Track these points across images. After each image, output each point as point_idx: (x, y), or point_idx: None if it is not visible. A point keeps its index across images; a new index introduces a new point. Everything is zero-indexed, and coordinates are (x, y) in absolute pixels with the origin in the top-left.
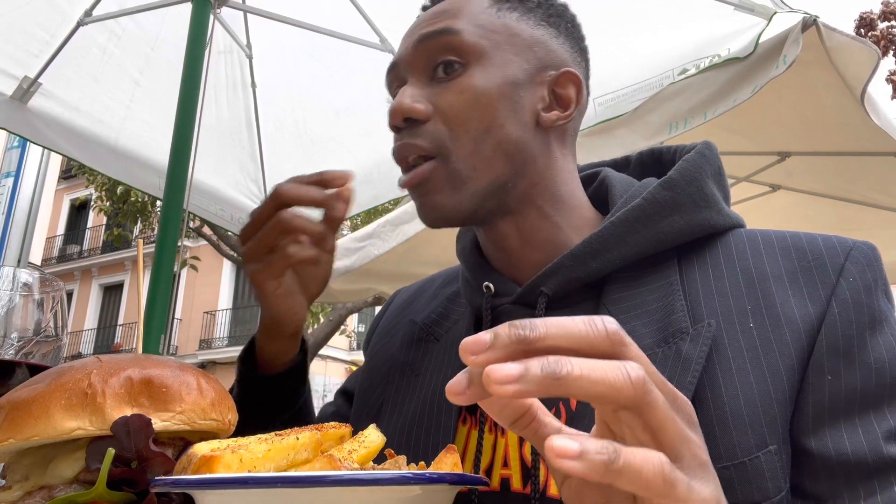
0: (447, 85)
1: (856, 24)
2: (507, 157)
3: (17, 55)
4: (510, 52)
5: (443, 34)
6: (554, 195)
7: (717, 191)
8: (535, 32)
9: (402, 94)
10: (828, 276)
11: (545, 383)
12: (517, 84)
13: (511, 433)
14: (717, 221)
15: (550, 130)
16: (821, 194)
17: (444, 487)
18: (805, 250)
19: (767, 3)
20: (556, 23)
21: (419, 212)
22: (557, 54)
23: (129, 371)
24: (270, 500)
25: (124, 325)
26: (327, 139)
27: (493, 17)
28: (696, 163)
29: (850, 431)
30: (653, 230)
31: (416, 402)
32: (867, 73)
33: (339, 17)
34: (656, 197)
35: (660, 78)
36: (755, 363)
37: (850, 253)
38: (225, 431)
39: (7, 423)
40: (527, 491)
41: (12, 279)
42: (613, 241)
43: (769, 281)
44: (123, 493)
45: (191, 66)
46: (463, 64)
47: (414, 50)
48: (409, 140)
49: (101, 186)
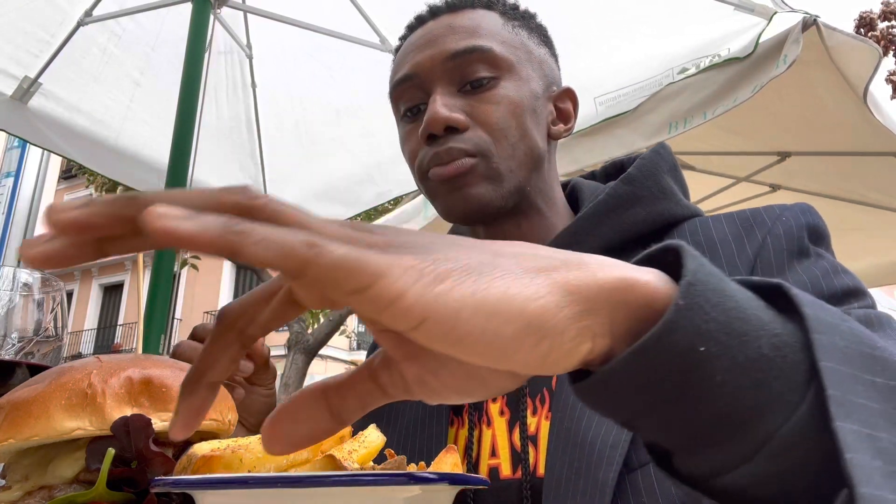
0: (482, 96)
1: (856, 23)
2: (532, 162)
3: (17, 55)
4: (529, 67)
5: (476, 51)
6: (550, 198)
7: (674, 185)
8: (540, 51)
9: (436, 104)
10: (765, 223)
11: (226, 230)
12: (537, 97)
13: (498, 424)
14: (676, 212)
15: (553, 141)
16: (821, 194)
17: (444, 487)
18: (747, 215)
19: (767, 3)
20: (548, 42)
21: (450, 204)
22: (555, 72)
23: (129, 371)
24: (270, 500)
25: (124, 325)
26: (327, 139)
27: (511, 34)
28: (651, 160)
29: None
30: (617, 221)
31: (409, 414)
32: (869, 71)
33: (339, 17)
34: (617, 191)
35: (660, 77)
36: None
37: (787, 207)
38: (225, 431)
39: (7, 423)
40: (517, 476)
41: (12, 279)
42: (583, 234)
43: (716, 244)
44: (123, 493)
45: (191, 66)
46: (496, 77)
47: (442, 64)
48: (453, 144)
49: (101, 186)
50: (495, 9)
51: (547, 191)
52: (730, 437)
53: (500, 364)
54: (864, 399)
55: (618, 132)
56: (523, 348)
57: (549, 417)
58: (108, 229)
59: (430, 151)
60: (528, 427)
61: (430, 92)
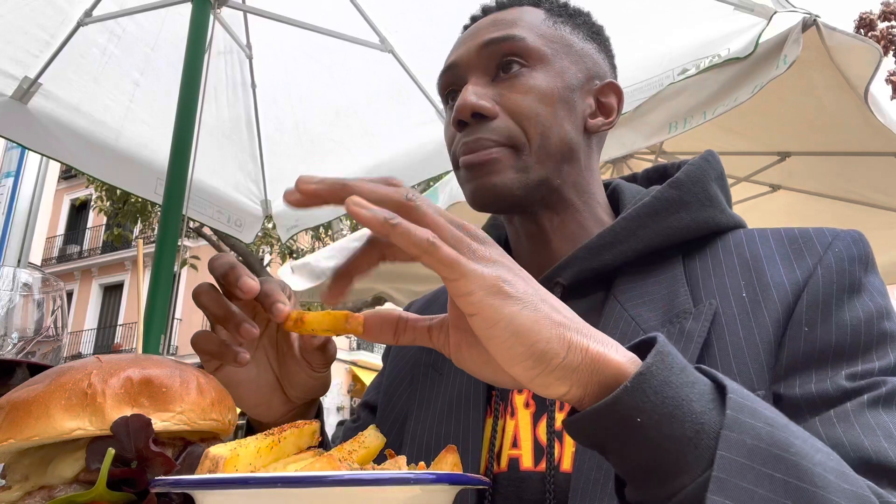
0: (512, 84)
1: (856, 24)
2: (563, 154)
3: (17, 55)
4: (567, 60)
5: (508, 39)
6: (587, 193)
7: (720, 193)
8: (585, 46)
9: (467, 91)
10: (816, 250)
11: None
12: (572, 89)
13: (522, 415)
14: (721, 220)
15: (593, 135)
16: (821, 194)
17: (444, 487)
18: (796, 237)
19: (767, 3)
20: (598, 39)
21: (474, 190)
22: (601, 66)
23: (129, 371)
24: (270, 500)
25: (124, 325)
26: (327, 139)
27: (551, 28)
28: (700, 166)
29: (819, 378)
30: (661, 225)
31: (444, 399)
32: (870, 71)
33: (339, 17)
34: (664, 195)
35: (660, 78)
36: (745, 321)
37: (838, 234)
38: (225, 431)
39: (7, 423)
40: (539, 468)
41: (12, 279)
42: (624, 235)
43: (762, 261)
44: (123, 493)
45: (191, 66)
46: (527, 66)
47: (477, 53)
48: (481, 135)
49: (101, 186)
50: (542, 6)
51: (583, 185)
52: (655, 483)
53: (504, 367)
54: (750, 484)
55: (617, 132)
56: (521, 366)
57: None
58: (330, 201)
59: (461, 140)
60: (554, 421)
61: (467, 80)
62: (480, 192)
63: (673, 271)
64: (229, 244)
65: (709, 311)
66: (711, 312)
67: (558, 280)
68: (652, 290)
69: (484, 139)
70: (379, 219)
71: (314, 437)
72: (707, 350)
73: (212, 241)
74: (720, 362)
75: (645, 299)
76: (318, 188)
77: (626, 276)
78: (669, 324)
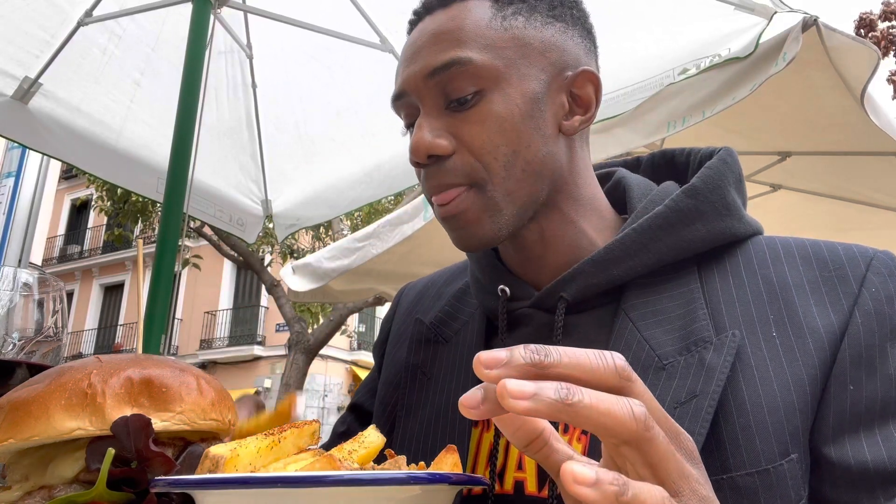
0: (467, 115)
1: (856, 24)
2: (537, 174)
3: (17, 55)
4: (524, 65)
5: (453, 65)
6: (577, 198)
7: (737, 198)
8: (545, 34)
9: (420, 129)
10: (850, 285)
11: (556, 406)
12: (537, 99)
13: None
14: (738, 230)
15: (569, 137)
16: (821, 194)
17: (443, 487)
18: (826, 259)
19: (767, 3)
20: (561, 14)
21: (455, 240)
22: (571, 52)
23: (129, 371)
24: (270, 500)
25: (125, 325)
26: (327, 139)
27: (500, 29)
28: (719, 170)
29: (870, 441)
30: (675, 238)
31: (431, 408)
32: (867, 73)
33: (340, 17)
34: (679, 205)
35: (660, 78)
36: (779, 372)
37: (871, 263)
38: (225, 431)
39: (7, 423)
40: (542, 494)
41: (13, 279)
42: (636, 249)
43: (791, 290)
44: (123, 493)
45: (191, 66)
46: (479, 92)
47: (424, 83)
48: (440, 179)
49: (102, 186)
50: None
51: (572, 190)
52: None
53: None
54: None
55: (616, 131)
56: None
57: (581, 440)
58: None
59: (423, 180)
60: None
61: (417, 109)
62: (465, 243)
63: (689, 286)
64: (230, 244)
65: (732, 343)
66: (735, 345)
67: (562, 294)
68: (667, 308)
69: (443, 183)
70: (610, 492)
71: (314, 437)
72: (733, 390)
73: (212, 241)
74: (751, 411)
75: (659, 318)
76: (533, 407)
77: (637, 290)
78: (687, 352)
